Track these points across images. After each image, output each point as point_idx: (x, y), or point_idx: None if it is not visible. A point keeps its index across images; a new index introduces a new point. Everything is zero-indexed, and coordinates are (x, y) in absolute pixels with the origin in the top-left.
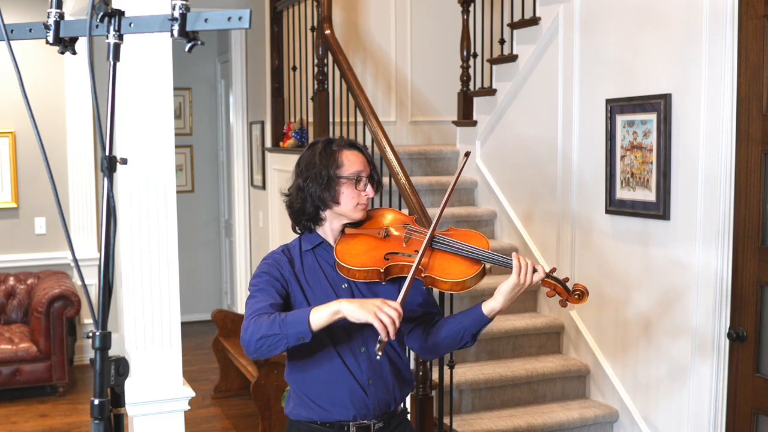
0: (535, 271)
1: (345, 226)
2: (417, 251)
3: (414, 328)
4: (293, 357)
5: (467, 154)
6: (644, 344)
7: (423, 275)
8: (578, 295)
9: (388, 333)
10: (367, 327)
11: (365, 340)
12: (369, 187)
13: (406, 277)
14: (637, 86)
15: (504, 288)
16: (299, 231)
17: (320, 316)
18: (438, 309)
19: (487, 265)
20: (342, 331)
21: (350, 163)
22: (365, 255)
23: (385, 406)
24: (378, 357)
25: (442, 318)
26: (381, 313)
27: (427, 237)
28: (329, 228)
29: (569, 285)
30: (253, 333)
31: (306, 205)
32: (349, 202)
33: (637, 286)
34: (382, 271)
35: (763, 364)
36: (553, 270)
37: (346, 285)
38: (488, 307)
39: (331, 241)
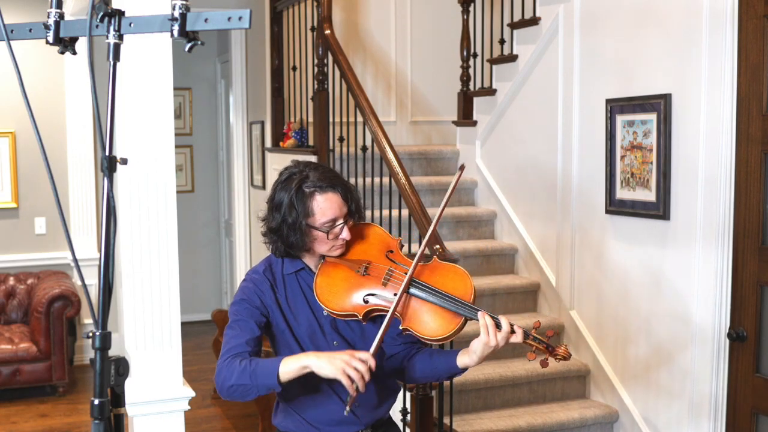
0: (499, 328)
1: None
2: (396, 294)
3: (393, 357)
4: None
5: (462, 168)
6: (644, 344)
7: (401, 327)
8: (560, 359)
9: (357, 388)
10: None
11: None
12: (345, 231)
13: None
14: (637, 86)
15: (476, 346)
16: None
17: (288, 370)
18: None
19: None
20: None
21: (322, 211)
22: (344, 297)
23: (373, 419)
24: (346, 413)
25: (417, 347)
26: (349, 369)
27: (404, 283)
28: (309, 258)
29: (553, 341)
30: (225, 379)
31: (278, 245)
32: (323, 247)
33: (636, 285)
34: (360, 316)
35: (763, 364)
36: (537, 325)
37: (326, 312)
38: (462, 361)
39: (312, 267)
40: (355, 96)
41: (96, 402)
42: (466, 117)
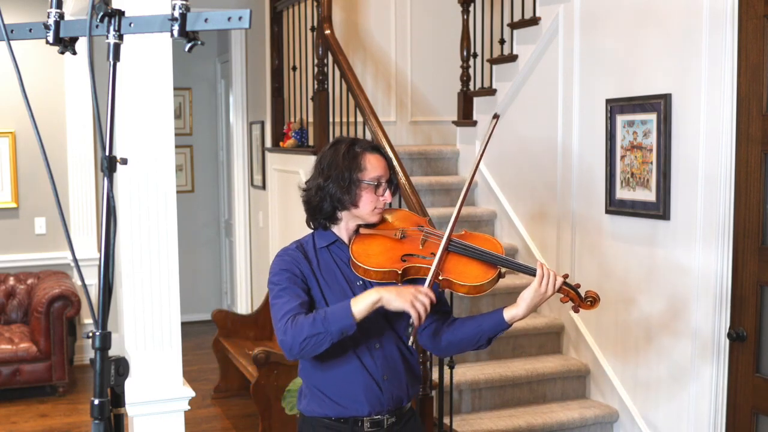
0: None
1: (360, 226)
2: (434, 254)
3: (428, 327)
4: None
5: (496, 116)
6: (644, 344)
7: (440, 278)
8: (590, 301)
9: (420, 319)
10: (383, 325)
11: (380, 337)
12: (387, 193)
13: (423, 279)
14: (637, 86)
15: (526, 295)
16: (313, 227)
17: (362, 307)
18: (449, 308)
19: (503, 270)
20: (359, 328)
21: (372, 167)
22: (382, 256)
23: (398, 401)
24: (410, 342)
25: (453, 317)
26: (416, 302)
27: (444, 239)
28: (344, 227)
29: (581, 291)
30: (295, 336)
31: (324, 204)
32: (368, 206)
33: (636, 286)
34: (399, 272)
35: (763, 364)
36: (566, 276)
37: (361, 282)
38: (510, 313)
39: (345, 239)
40: (355, 96)
41: (96, 402)
42: (466, 117)
